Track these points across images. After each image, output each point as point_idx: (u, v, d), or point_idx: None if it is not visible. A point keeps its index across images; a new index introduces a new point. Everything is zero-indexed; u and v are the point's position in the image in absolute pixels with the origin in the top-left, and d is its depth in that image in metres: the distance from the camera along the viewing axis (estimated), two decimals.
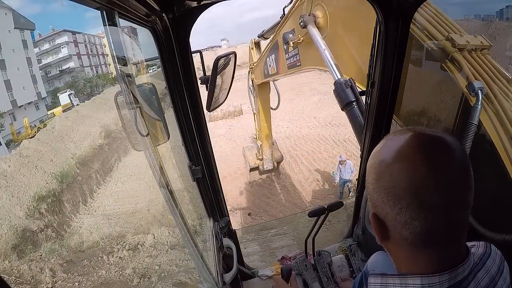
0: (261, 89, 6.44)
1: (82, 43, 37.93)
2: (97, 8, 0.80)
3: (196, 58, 1.49)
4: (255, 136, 8.86)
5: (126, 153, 15.64)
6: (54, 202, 9.96)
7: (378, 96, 1.67)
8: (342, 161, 7.99)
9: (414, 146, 0.59)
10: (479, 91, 1.42)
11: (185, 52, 1.38)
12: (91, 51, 39.66)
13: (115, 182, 12.92)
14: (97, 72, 39.21)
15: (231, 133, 16.29)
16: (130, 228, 8.80)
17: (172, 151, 1.62)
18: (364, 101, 1.92)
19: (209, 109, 1.55)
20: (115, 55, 0.87)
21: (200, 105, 1.57)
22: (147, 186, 11.54)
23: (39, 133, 15.23)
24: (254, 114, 7.43)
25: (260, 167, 9.39)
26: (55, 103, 29.14)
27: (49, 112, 26.66)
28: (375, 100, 1.70)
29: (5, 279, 0.40)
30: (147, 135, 1.08)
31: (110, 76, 38.08)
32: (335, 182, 8.58)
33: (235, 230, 2.40)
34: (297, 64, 3.40)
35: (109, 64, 41.84)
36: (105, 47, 42.01)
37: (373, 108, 1.74)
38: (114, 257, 6.42)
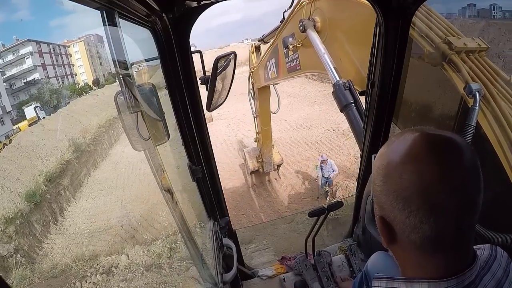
0: (262, 93, 6.40)
1: (47, 53, 36.36)
2: (97, 8, 0.80)
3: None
4: (254, 140, 8.78)
5: (96, 166, 15.17)
6: (23, 223, 9.41)
7: (378, 96, 1.67)
8: (323, 160, 8.38)
9: (425, 147, 0.57)
10: (477, 92, 1.43)
11: (185, 52, 1.38)
12: (57, 61, 37.98)
13: (85, 198, 12.45)
14: (63, 83, 37.48)
15: None
16: (104, 246, 8.50)
17: (172, 151, 1.62)
18: (362, 102, 1.93)
19: (209, 109, 1.55)
20: (115, 55, 0.87)
21: (200, 105, 1.57)
22: (118, 201, 11.33)
23: (4, 149, 14.37)
24: (255, 118, 7.37)
25: (261, 169, 9.39)
26: (21, 117, 27.56)
27: (14, 127, 25.25)
28: (375, 100, 1.70)
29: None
30: (147, 136, 1.07)
31: (77, 87, 36.50)
32: (316, 177, 8.98)
33: (235, 230, 2.40)
34: (297, 68, 3.43)
35: (75, 74, 40.16)
36: (70, 56, 40.46)
37: (373, 108, 1.74)
38: (88, 282, 6.15)
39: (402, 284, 0.62)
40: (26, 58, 34.21)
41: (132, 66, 1.06)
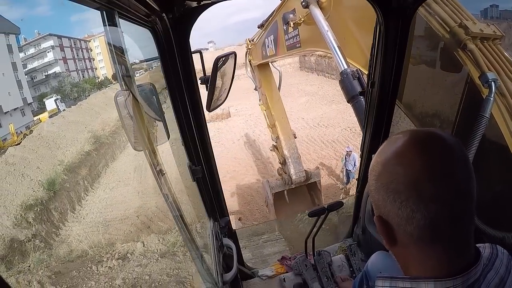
0: (262, 71, 5.99)
1: (68, 47, 37.52)
2: (97, 8, 0.80)
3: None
4: (270, 148, 6.92)
5: (114, 158, 15.47)
6: (42, 210, 9.72)
7: (378, 96, 1.67)
8: (348, 152, 8.48)
9: (409, 143, 0.60)
10: (493, 82, 1.34)
11: (185, 52, 1.38)
12: (77, 55, 39.18)
13: (103, 189, 12.71)
14: (83, 76, 38.67)
15: (219, 136, 16.12)
16: (120, 235, 8.64)
17: (172, 151, 1.62)
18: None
19: (209, 109, 1.55)
20: (115, 55, 0.87)
21: (200, 105, 1.57)
22: (135, 192, 11.48)
23: (25, 139, 14.93)
24: (261, 105, 6.43)
25: (286, 178, 6.40)
26: (41, 108, 28.50)
27: (35, 118, 26.18)
28: (375, 100, 1.70)
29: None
30: (147, 135, 1.07)
31: (97, 81, 37.48)
32: (342, 169, 9.18)
33: (235, 230, 2.40)
34: (297, 45, 3.32)
35: (96, 68, 41.10)
36: (91, 51, 41.35)
37: (373, 108, 1.74)
38: (104, 267, 6.24)
39: (407, 283, 0.61)
40: (48, 52, 35.34)
41: (132, 66, 1.06)
